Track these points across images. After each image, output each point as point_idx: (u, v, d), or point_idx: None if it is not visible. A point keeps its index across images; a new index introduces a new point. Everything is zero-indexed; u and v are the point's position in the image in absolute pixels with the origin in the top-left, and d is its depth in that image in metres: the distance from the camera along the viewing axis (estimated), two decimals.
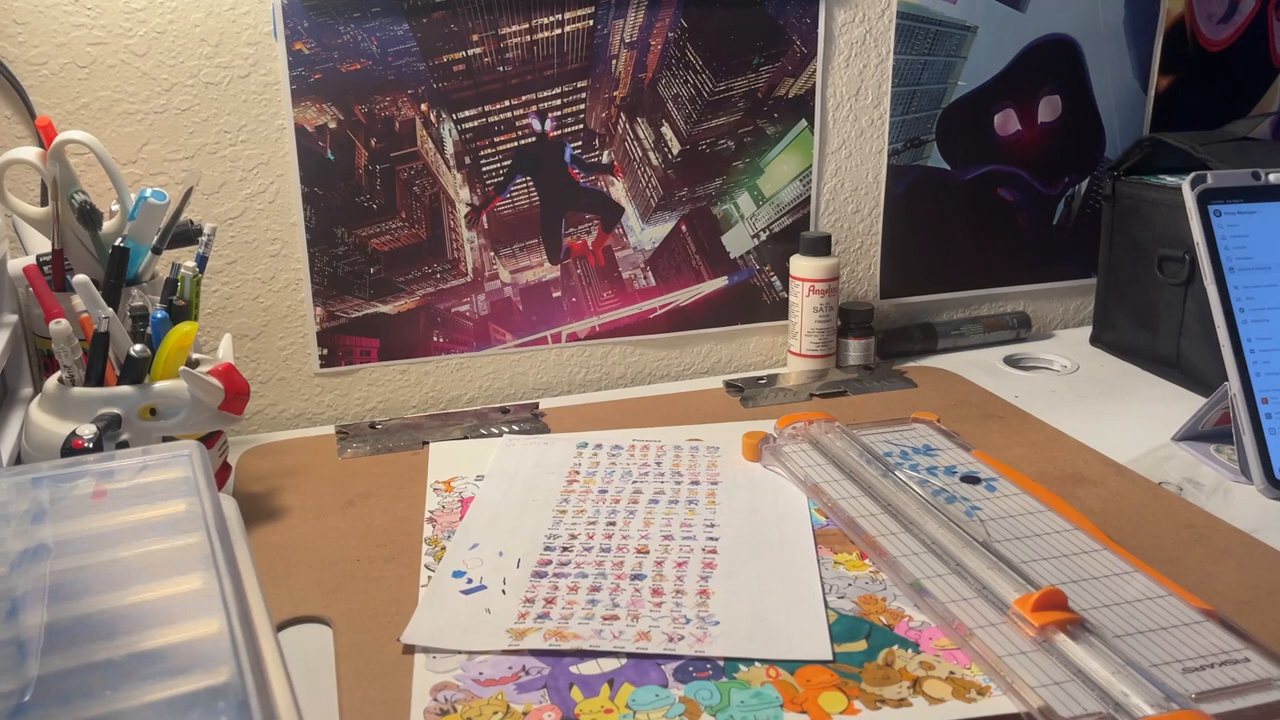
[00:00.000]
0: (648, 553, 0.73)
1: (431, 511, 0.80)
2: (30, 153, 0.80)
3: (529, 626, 0.64)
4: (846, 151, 1.13)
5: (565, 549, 0.74)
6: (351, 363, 1.02)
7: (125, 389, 0.73)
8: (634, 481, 0.84)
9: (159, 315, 0.76)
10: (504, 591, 0.68)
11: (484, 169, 1.01)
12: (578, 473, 0.86)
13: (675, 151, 1.07)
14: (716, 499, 0.81)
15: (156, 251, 0.82)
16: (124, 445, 0.72)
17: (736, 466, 0.87)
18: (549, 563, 0.72)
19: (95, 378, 0.73)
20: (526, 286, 1.06)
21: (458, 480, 0.85)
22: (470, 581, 0.70)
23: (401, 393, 1.05)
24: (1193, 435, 0.92)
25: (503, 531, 0.76)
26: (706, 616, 0.65)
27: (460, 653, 0.62)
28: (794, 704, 0.57)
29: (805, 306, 1.09)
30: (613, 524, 0.77)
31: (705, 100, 1.07)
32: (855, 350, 1.12)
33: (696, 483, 0.84)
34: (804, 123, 1.11)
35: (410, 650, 0.63)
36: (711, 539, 0.75)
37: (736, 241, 1.12)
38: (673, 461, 0.88)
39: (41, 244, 0.85)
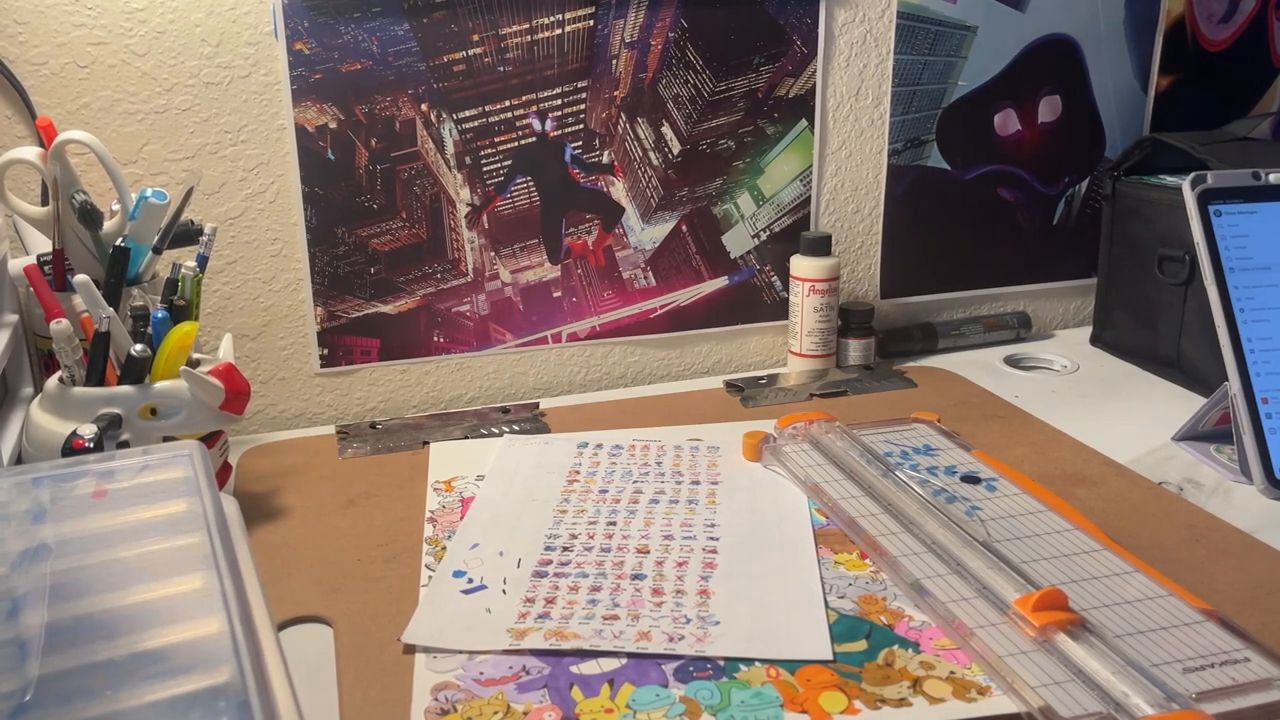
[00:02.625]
0: (648, 552, 0.73)
1: (432, 511, 0.80)
2: (31, 153, 0.80)
3: (529, 626, 0.64)
4: (847, 151, 1.13)
5: (566, 549, 0.74)
6: (352, 363, 1.02)
7: (126, 389, 0.73)
8: (634, 481, 0.84)
9: (159, 315, 0.76)
10: (504, 591, 0.68)
11: (484, 169, 1.01)
12: (578, 473, 0.86)
13: (675, 151, 1.07)
14: (717, 499, 0.81)
15: (157, 251, 0.82)
16: (124, 445, 0.72)
17: (737, 466, 0.87)
18: (549, 562, 0.72)
19: (96, 377, 0.73)
20: (527, 286, 1.06)
21: (458, 480, 0.85)
22: (471, 581, 0.70)
23: (402, 393, 1.05)
24: (1193, 435, 0.92)
25: (503, 531, 0.76)
26: (707, 616, 0.65)
27: (461, 652, 0.62)
28: (794, 704, 0.57)
29: (805, 306, 1.09)
30: (613, 524, 0.77)
31: (705, 100, 1.07)
32: (855, 350, 1.12)
33: (697, 482, 0.84)
34: (804, 123, 1.11)
35: (410, 650, 0.63)
36: (712, 539, 0.75)
37: (737, 241, 1.12)
38: (673, 461, 0.88)
39: (42, 244, 0.85)
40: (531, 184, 1.03)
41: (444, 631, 0.64)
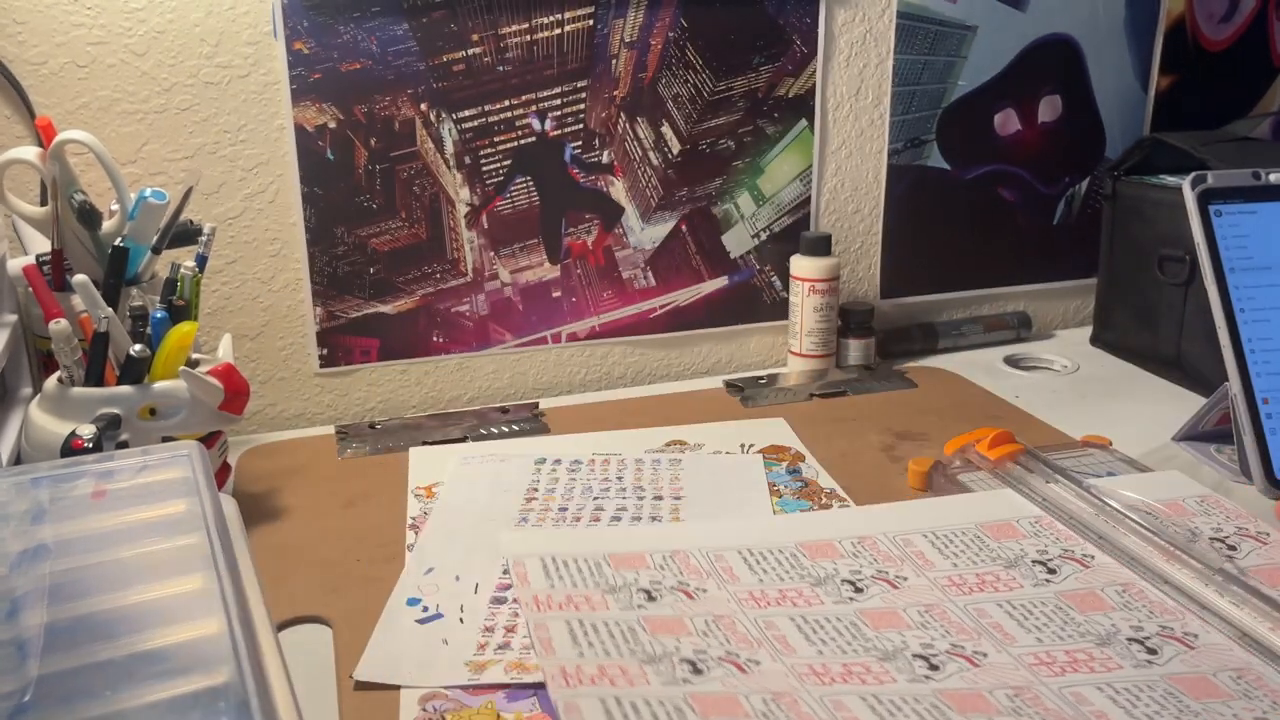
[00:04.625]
0: None
1: (414, 518, 0.79)
2: (30, 152, 0.79)
3: (489, 659, 0.61)
4: (847, 151, 1.13)
5: None
6: (351, 363, 1.02)
7: (125, 389, 0.73)
8: (595, 498, 0.81)
9: (158, 315, 0.76)
10: (462, 620, 0.65)
11: (484, 169, 1.01)
12: (536, 490, 0.82)
13: (675, 151, 1.07)
14: (680, 514, 0.79)
15: (156, 251, 0.82)
16: (124, 445, 0.72)
17: (699, 479, 0.84)
18: (509, 586, 0.69)
19: (95, 378, 0.73)
20: (526, 286, 1.06)
21: (438, 485, 0.84)
22: (426, 610, 0.66)
23: (401, 393, 1.05)
24: (1193, 435, 0.92)
25: (459, 554, 0.73)
26: None
27: (419, 688, 0.59)
28: None
29: (805, 306, 1.09)
30: None
31: (705, 100, 1.06)
32: (855, 350, 1.12)
33: (660, 498, 0.81)
34: (804, 122, 1.11)
35: None
36: None
37: (736, 241, 1.12)
38: (634, 476, 0.84)
39: (41, 244, 0.85)
40: (531, 184, 1.03)
41: (398, 665, 0.61)
